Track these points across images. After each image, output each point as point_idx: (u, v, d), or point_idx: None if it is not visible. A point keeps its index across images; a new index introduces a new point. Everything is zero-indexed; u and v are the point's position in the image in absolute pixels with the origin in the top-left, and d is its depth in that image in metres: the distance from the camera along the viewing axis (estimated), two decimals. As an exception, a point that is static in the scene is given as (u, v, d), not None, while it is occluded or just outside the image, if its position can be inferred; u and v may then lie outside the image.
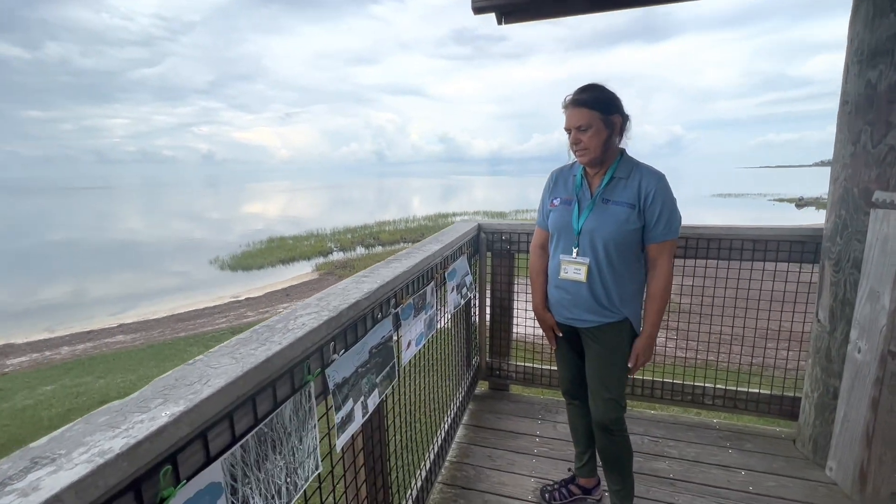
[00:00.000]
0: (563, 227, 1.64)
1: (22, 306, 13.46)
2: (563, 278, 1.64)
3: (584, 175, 1.64)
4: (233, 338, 0.91)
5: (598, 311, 1.61)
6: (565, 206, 1.65)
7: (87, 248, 23.89)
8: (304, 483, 0.94)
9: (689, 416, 2.58)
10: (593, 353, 1.66)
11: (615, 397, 1.64)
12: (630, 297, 1.60)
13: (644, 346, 1.61)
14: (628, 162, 1.58)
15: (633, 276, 1.60)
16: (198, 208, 52.69)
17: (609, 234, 1.54)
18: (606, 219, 1.55)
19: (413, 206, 51.88)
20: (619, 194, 1.55)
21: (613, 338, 1.62)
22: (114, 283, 16.03)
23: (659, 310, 1.57)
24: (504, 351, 2.81)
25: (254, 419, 0.80)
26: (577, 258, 1.61)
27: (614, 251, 1.55)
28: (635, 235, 1.55)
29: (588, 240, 1.58)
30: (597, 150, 1.52)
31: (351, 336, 1.15)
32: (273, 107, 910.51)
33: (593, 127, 1.49)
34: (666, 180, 1.54)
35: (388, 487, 1.51)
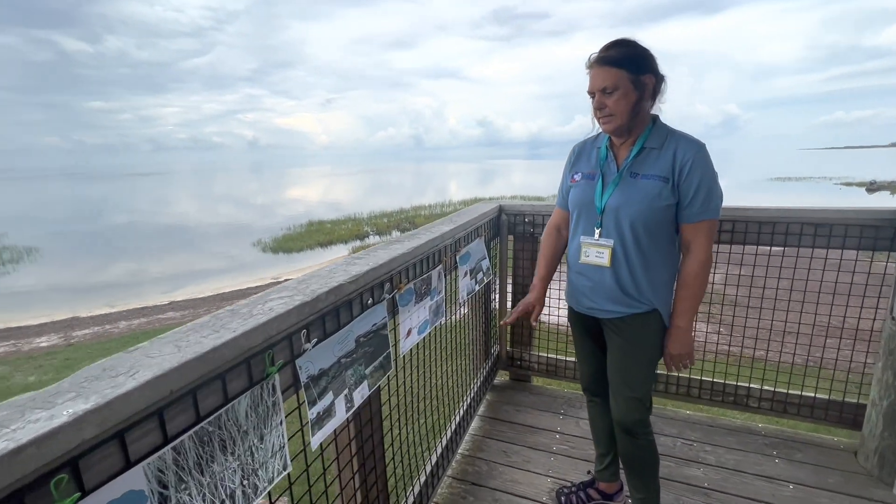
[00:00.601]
0: (585, 204, 1.45)
1: (87, 283, 14.54)
2: (585, 262, 1.46)
3: (610, 146, 1.44)
4: (191, 322, 0.82)
5: (623, 301, 1.42)
6: (587, 182, 1.46)
7: (144, 231, 25.49)
8: (268, 485, 0.85)
9: (731, 419, 2.33)
10: (615, 346, 1.48)
11: (638, 396, 1.46)
12: (661, 285, 1.40)
13: (675, 341, 1.40)
14: (662, 130, 1.36)
15: (666, 261, 1.40)
16: (243, 193, 54.92)
17: (637, 212, 1.34)
18: (634, 194, 1.35)
19: (450, 190, 51.74)
20: (649, 167, 1.34)
21: (639, 330, 1.43)
22: (166, 264, 17.00)
23: (690, 297, 1.36)
24: (526, 340, 2.65)
25: (195, 417, 0.70)
26: (599, 240, 1.42)
27: (643, 232, 1.35)
28: (668, 213, 1.34)
29: (613, 219, 1.38)
30: (624, 115, 1.31)
31: (332, 323, 1.04)
32: (314, 93, 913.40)
33: (620, 89, 1.28)
34: (706, 151, 1.32)
35: (385, 480, 1.41)
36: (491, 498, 1.84)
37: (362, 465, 1.25)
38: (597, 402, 1.70)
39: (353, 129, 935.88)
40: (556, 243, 1.67)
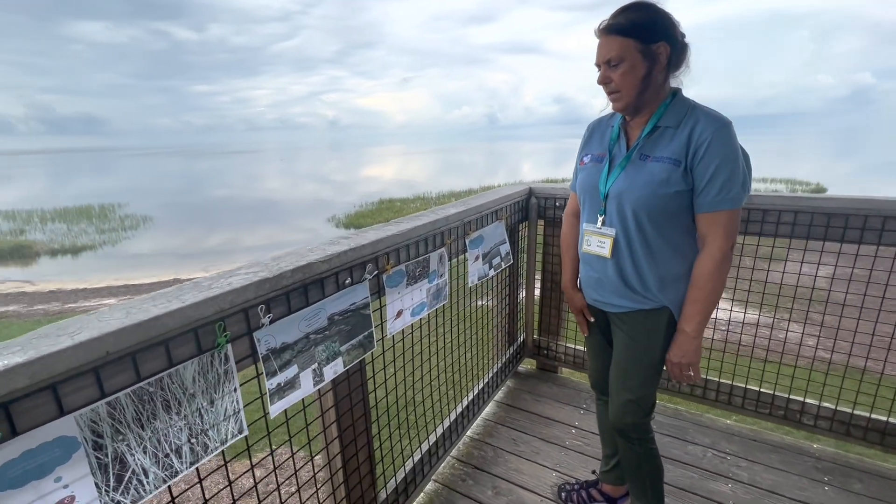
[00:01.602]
0: (589, 189, 1.34)
1: (189, 250, 16.46)
2: (587, 252, 1.36)
3: (623, 125, 1.30)
4: (155, 292, 0.90)
5: (628, 296, 1.30)
6: (595, 164, 1.34)
7: (237, 204, 28.15)
8: (221, 445, 0.92)
9: (776, 435, 2.08)
10: (619, 341, 1.38)
11: (635, 399, 1.35)
12: (672, 281, 1.26)
13: (678, 347, 1.26)
14: (680, 106, 1.19)
15: (678, 255, 1.25)
16: (324, 171, 58.15)
17: (639, 199, 1.20)
18: (638, 179, 1.21)
19: (522, 171, 50.57)
20: (662, 148, 1.19)
21: (644, 328, 1.31)
22: (255, 235, 18.68)
23: (700, 299, 1.20)
24: (554, 329, 2.55)
25: (135, 377, 0.77)
26: (602, 228, 1.30)
27: (647, 221, 1.22)
28: (678, 201, 1.19)
29: (615, 206, 1.26)
30: (631, 91, 1.16)
31: (299, 300, 1.08)
32: (392, 72, 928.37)
33: (626, 61, 1.14)
34: (729, 129, 1.14)
35: (370, 449, 1.46)
36: (490, 484, 1.83)
37: (339, 436, 1.30)
38: (605, 401, 1.60)
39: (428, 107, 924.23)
40: (575, 233, 1.54)
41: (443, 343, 1.86)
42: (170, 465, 0.83)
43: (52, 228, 19.68)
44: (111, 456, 0.74)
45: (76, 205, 25.64)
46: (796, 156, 53.62)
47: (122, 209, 24.24)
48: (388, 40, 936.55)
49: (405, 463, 1.66)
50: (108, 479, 0.74)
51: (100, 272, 13.29)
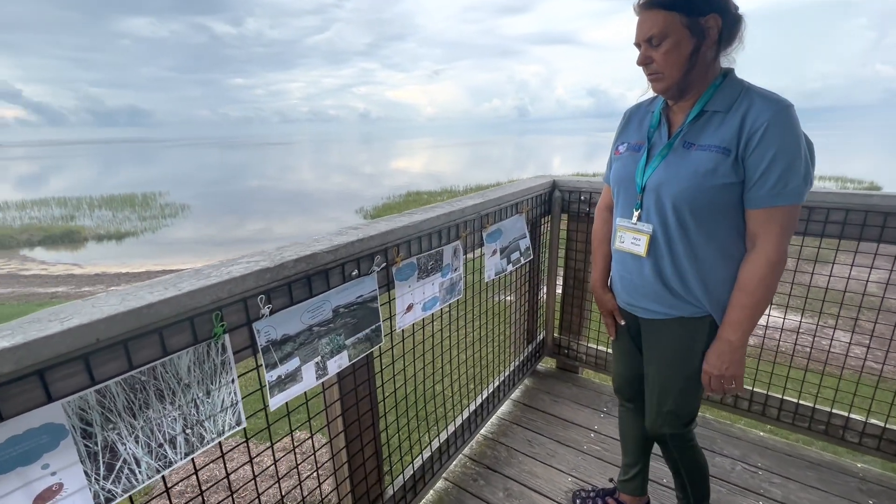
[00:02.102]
0: (624, 180, 1.21)
1: (223, 238, 17.03)
2: (620, 249, 1.24)
3: (665, 110, 1.18)
4: (156, 279, 0.88)
5: (666, 300, 1.17)
6: (631, 154, 1.22)
7: (270, 195, 28.92)
8: (217, 437, 0.90)
9: (814, 451, 1.92)
10: (654, 350, 1.26)
11: (674, 410, 1.25)
12: (719, 285, 1.12)
13: (717, 357, 1.12)
14: (732, 88, 1.06)
15: (725, 256, 1.11)
16: (354, 163, 58.92)
17: (681, 192, 1.07)
18: (681, 169, 1.08)
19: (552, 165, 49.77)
20: (709, 135, 1.06)
21: (685, 338, 1.18)
22: (286, 225, 19.14)
23: (747, 305, 1.07)
24: (575, 328, 2.45)
25: (127, 365, 0.76)
26: (637, 224, 1.18)
27: (690, 217, 1.09)
28: (727, 195, 1.05)
29: (653, 199, 1.13)
30: (675, 71, 1.04)
31: (302, 291, 1.05)
32: (422, 64, 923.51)
33: (670, 37, 1.01)
34: (790, 113, 0.99)
35: (377, 445, 1.43)
36: (502, 486, 1.77)
37: (344, 430, 1.27)
38: (629, 408, 1.50)
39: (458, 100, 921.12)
40: (608, 227, 1.41)
41: (458, 338, 1.82)
42: (163, 455, 0.82)
43: (98, 215, 20.77)
44: (101, 444, 0.73)
45: (121, 193, 26.96)
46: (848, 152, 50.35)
47: (162, 198, 25.32)
48: (420, 32, 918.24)
49: (414, 460, 1.62)
50: (97, 467, 0.73)
51: (141, 257, 13.95)
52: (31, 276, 11.84)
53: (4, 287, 10.55)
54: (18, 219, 19.50)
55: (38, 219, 19.51)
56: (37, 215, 20.44)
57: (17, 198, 26.39)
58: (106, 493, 0.74)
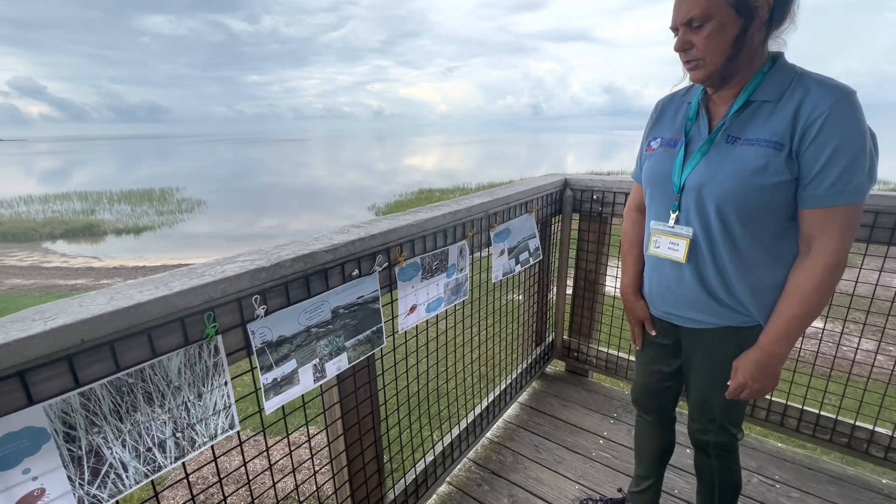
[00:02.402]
0: (659, 179, 1.11)
1: (238, 233, 17.24)
2: (654, 255, 1.14)
3: (704, 100, 1.08)
4: (148, 277, 0.86)
5: (710, 309, 1.08)
6: (666, 150, 1.11)
7: (284, 191, 29.20)
8: (209, 440, 0.88)
9: (836, 464, 1.84)
10: (699, 362, 1.18)
11: (721, 422, 1.17)
12: (770, 291, 1.03)
13: (755, 367, 1.02)
14: (783, 74, 0.95)
15: (776, 259, 1.01)
16: (368, 160, 59.16)
17: (727, 192, 0.97)
18: (726, 167, 0.98)
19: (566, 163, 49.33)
20: (757, 127, 0.96)
21: (732, 348, 1.09)
22: (300, 221, 19.30)
23: (800, 315, 0.96)
24: (585, 331, 2.39)
25: (113, 367, 0.73)
26: (674, 227, 1.08)
27: (736, 219, 0.99)
28: (776, 194, 0.95)
29: (694, 200, 1.03)
30: (717, 58, 0.94)
31: (299, 291, 1.02)
32: (436, 61, 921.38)
33: (714, 19, 0.91)
34: (852, 102, 0.89)
35: (378, 448, 1.40)
36: (507, 492, 1.73)
37: (343, 433, 1.24)
38: (648, 420, 1.41)
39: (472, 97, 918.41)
40: (640, 230, 1.30)
41: (465, 339, 1.78)
42: (152, 459, 0.79)
43: (118, 209, 21.22)
44: (85, 449, 0.71)
45: (139, 188, 27.51)
46: (874, 151, 48.73)
47: (179, 193, 25.74)
48: (434, 29, 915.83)
49: (416, 464, 1.59)
50: (82, 472, 0.71)
51: (158, 251, 14.20)
52: (52, 268, 12.14)
53: (27, 279, 10.83)
54: (41, 212, 20.02)
55: (60, 212, 20.01)
56: (59, 209, 20.96)
57: (40, 192, 27.12)
58: (91, 499, 0.72)
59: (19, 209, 21.07)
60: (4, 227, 16.84)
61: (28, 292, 9.42)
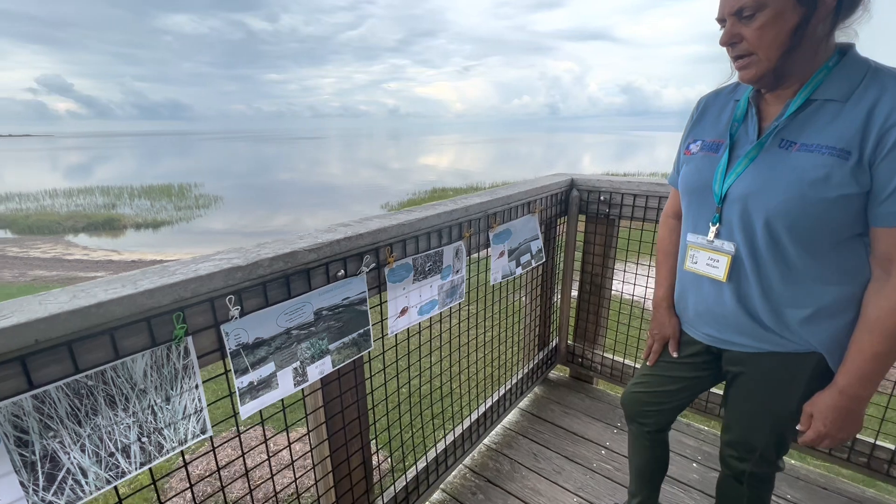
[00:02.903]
0: (698, 188, 0.99)
1: (253, 229, 17.46)
2: (692, 271, 1.03)
3: (754, 98, 0.95)
4: (119, 274, 0.83)
5: (755, 334, 0.97)
6: (707, 154, 0.99)
7: (300, 188, 29.52)
8: (179, 446, 0.84)
9: (854, 485, 1.73)
10: (742, 388, 1.05)
11: (758, 448, 1.05)
12: (827, 317, 0.90)
13: (833, 411, 0.89)
14: (853, 69, 0.82)
15: (837, 279, 0.88)
16: (383, 158, 59.44)
17: (778, 205, 0.85)
18: (779, 176, 0.85)
19: (582, 163, 48.88)
20: (818, 131, 0.83)
21: (779, 375, 0.97)
22: (315, 218, 19.48)
23: (884, 353, 0.83)
24: (591, 336, 2.32)
25: (72, 368, 0.70)
26: (714, 242, 0.97)
27: (787, 236, 0.86)
28: (840, 210, 0.82)
29: (738, 212, 0.91)
30: (772, 53, 0.82)
31: (279, 292, 0.98)
32: (452, 60, 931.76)
33: (769, 7, 0.79)
34: None
35: (367, 452, 1.36)
36: (502, 502, 1.67)
37: (328, 438, 1.20)
38: (642, 434, 1.30)
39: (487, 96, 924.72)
40: (676, 237, 1.19)
41: (463, 341, 1.72)
42: (115, 465, 0.76)
43: (138, 204, 21.70)
44: (39, 453, 0.68)
45: (159, 183, 28.09)
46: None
47: (197, 189, 26.22)
48: (451, 28, 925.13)
49: (407, 471, 1.54)
50: (36, 478, 0.68)
51: (174, 246, 14.49)
52: (73, 260, 12.46)
53: (49, 270, 11.13)
54: (65, 206, 20.59)
55: (83, 206, 20.55)
56: (82, 203, 21.54)
57: (65, 186, 27.92)
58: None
59: (45, 202, 21.71)
60: (30, 219, 17.36)
61: (51, 283, 9.67)
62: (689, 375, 1.17)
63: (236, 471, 2.17)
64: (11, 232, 16.05)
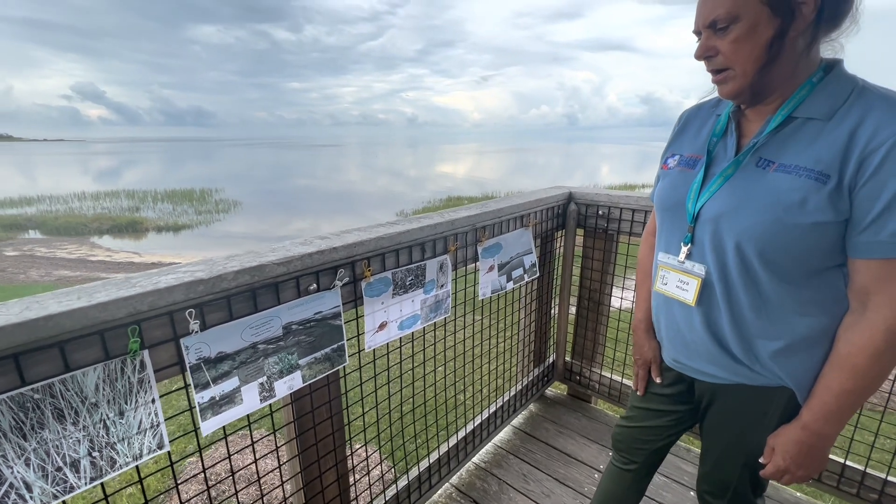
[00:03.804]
0: (672, 205, 0.94)
1: (270, 234, 17.76)
2: (661, 292, 0.98)
3: (735, 114, 0.91)
4: (80, 286, 0.83)
5: (724, 363, 0.91)
6: (683, 170, 0.95)
7: (318, 194, 29.98)
8: (133, 461, 0.83)
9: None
10: (713, 420, 1.00)
11: (733, 486, 0.99)
12: (799, 350, 0.84)
13: (796, 448, 0.84)
14: (838, 86, 0.77)
15: (811, 310, 0.83)
16: (400, 166, 60.01)
17: (748, 227, 0.80)
18: (753, 197, 0.80)
19: (600, 174, 48.48)
20: (797, 152, 0.78)
21: (750, 408, 0.92)
22: (332, 224, 19.73)
23: (852, 390, 0.78)
24: (589, 353, 2.25)
25: (18, 381, 0.70)
26: (685, 263, 0.92)
27: (758, 262, 0.81)
28: (815, 237, 0.77)
29: (709, 233, 0.86)
30: (748, 66, 0.78)
31: (245, 305, 0.97)
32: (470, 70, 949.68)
33: (742, 20, 0.75)
34: None
35: (343, 468, 1.33)
36: (487, 524, 1.62)
37: (298, 454, 1.18)
38: (626, 470, 1.22)
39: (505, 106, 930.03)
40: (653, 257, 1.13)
41: (458, 352, 1.69)
42: (63, 479, 0.75)
43: (160, 207, 22.31)
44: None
45: (181, 188, 28.86)
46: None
47: (217, 194, 26.85)
48: (470, 38, 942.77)
49: (387, 489, 1.50)
50: (-24, 491, 0.67)
51: (193, 249, 14.81)
52: (96, 261, 12.84)
53: (73, 271, 11.49)
54: (92, 208, 21.32)
55: (109, 209, 21.24)
56: (108, 206, 22.27)
57: (93, 189, 28.94)
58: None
59: (73, 205, 22.51)
60: (59, 221, 18.02)
61: (74, 282, 9.97)
62: (670, 409, 1.11)
63: (199, 487, 2.16)
64: (41, 233, 16.67)
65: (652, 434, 1.15)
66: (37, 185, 33.44)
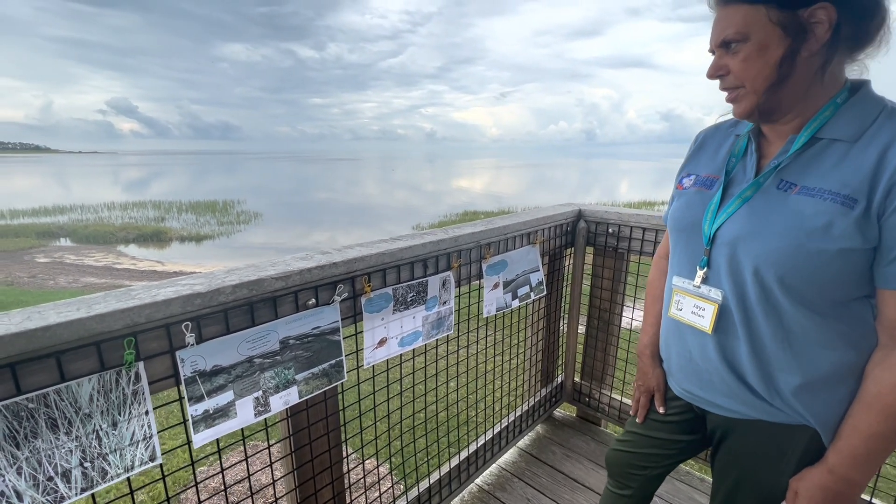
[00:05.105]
0: (687, 226, 0.91)
1: (289, 246, 18.06)
2: (675, 318, 0.93)
3: (755, 135, 0.88)
4: (86, 296, 0.85)
5: (742, 398, 0.86)
6: (700, 191, 0.92)
7: (337, 207, 30.45)
8: (125, 472, 0.83)
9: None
10: (727, 455, 0.95)
11: None
12: (827, 383, 0.79)
13: (822, 494, 0.78)
14: (865, 108, 0.75)
15: (839, 337, 0.78)
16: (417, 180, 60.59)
17: (769, 252, 0.76)
18: (775, 220, 0.77)
19: (619, 190, 48.03)
20: (822, 174, 0.75)
21: (771, 446, 0.86)
22: (349, 236, 19.97)
23: (880, 433, 0.73)
24: (598, 375, 2.19)
25: (13, 390, 0.71)
26: (701, 287, 0.87)
27: (779, 289, 0.77)
28: (840, 264, 0.73)
29: (726, 256, 0.83)
30: (758, 84, 0.76)
31: (242, 319, 0.97)
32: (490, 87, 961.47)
33: (752, 39, 0.74)
34: None
35: (339, 486, 1.31)
36: (487, 550, 1.57)
37: (293, 470, 1.17)
38: (617, 494, 1.17)
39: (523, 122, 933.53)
40: (666, 279, 1.07)
41: (461, 370, 1.67)
42: (54, 489, 0.76)
43: (184, 218, 22.96)
44: (-28, 475, 0.68)
45: (205, 199, 29.70)
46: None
47: (239, 205, 27.52)
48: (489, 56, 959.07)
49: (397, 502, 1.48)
50: (-33, 499, 0.68)
51: (214, 259, 15.15)
52: (121, 269, 13.24)
53: (100, 278, 11.86)
54: (120, 217, 22.09)
55: (136, 219, 21.97)
56: (135, 215, 23.04)
57: (122, 199, 30.04)
58: (-24, 528, 0.69)
59: (102, 214, 23.38)
60: (88, 229, 18.70)
61: (100, 289, 10.29)
62: (674, 438, 1.06)
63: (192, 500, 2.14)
64: (71, 241, 17.31)
65: (650, 461, 1.10)
66: (70, 195, 34.90)
